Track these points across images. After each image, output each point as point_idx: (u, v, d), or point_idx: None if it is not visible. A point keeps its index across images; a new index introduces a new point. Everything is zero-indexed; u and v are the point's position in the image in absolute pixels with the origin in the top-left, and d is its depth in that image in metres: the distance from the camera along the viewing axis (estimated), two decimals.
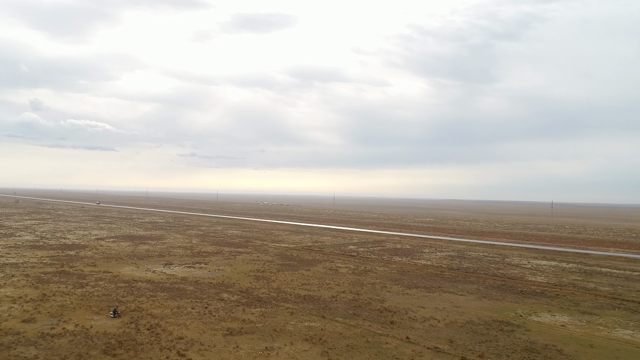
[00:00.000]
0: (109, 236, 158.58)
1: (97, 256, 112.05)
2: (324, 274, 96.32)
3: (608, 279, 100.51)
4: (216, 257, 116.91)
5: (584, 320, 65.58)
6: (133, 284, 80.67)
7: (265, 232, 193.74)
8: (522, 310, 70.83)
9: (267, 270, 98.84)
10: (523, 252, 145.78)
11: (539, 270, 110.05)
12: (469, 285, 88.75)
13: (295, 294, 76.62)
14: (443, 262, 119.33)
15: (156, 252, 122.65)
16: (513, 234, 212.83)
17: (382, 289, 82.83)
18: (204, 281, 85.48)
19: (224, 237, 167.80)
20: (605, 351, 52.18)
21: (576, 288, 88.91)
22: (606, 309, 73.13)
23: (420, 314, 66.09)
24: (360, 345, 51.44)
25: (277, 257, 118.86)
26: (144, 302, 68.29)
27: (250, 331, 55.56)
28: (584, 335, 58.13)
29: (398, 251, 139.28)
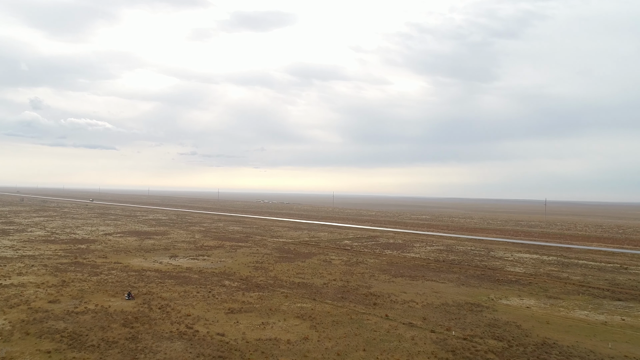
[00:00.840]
0: (115, 232, 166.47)
1: (106, 249, 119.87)
2: (318, 265, 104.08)
3: (582, 269, 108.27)
4: (218, 250, 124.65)
5: (548, 304, 73.28)
6: (143, 273, 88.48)
7: (264, 228, 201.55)
8: (494, 295, 78.58)
9: (266, 262, 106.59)
10: (509, 246, 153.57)
11: (520, 262, 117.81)
12: (450, 275, 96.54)
13: (290, 282, 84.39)
14: (431, 255, 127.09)
15: (161, 246, 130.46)
16: (504, 230, 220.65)
17: (370, 278, 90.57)
18: (207, 271, 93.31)
19: (225, 232, 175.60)
20: (558, 327, 59.88)
21: (550, 277, 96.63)
22: (571, 294, 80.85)
23: (402, 298, 73.85)
24: (345, 321, 59.22)
25: (275, 251, 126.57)
26: (154, 287, 76.10)
27: (249, 310, 63.36)
28: (544, 315, 65.87)
29: (390, 245, 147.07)
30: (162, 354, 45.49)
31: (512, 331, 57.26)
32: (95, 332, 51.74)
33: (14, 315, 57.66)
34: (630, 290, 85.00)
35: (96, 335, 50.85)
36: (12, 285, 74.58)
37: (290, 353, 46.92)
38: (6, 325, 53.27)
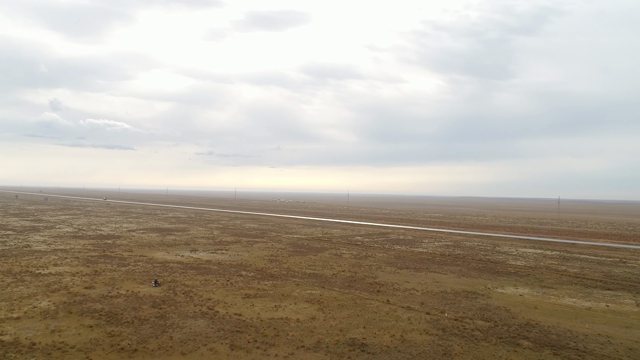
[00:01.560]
0: (138, 229, 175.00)
1: (131, 244, 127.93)
2: (329, 258, 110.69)
3: (581, 263, 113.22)
4: (235, 245, 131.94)
5: (540, 292, 78.91)
6: (166, 264, 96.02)
7: (280, 225, 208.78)
8: (491, 284, 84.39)
9: (280, 255, 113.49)
10: (515, 242, 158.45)
11: (522, 256, 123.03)
12: (453, 267, 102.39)
13: (302, 272, 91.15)
14: (438, 249, 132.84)
15: (182, 241, 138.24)
16: (513, 228, 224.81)
17: (377, 270, 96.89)
18: (225, 263, 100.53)
19: (242, 229, 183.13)
20: (545, 311, 65.67)
21: (548, 270, 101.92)
22: (565, 284, 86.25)
23: (404, 286, 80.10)
24: (349, 305, 65.78)
25: (289, 246, 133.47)
26: (177, 276, 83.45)
27: (263, 295, 70.27)
28: (534, 301, 71.63)
29: (400, 241, 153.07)
30: (188, 329, 52.51)
31: (500, 314, 63.26)
32: (128, 312, 59.04)
33: (56, 298, 65.30)
34: (622, 282, 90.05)
35: (129, 314, 58.13)
36: (50, 274, 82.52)
37: (298, 329, 53.61)
38: (51, 306, 60.86)
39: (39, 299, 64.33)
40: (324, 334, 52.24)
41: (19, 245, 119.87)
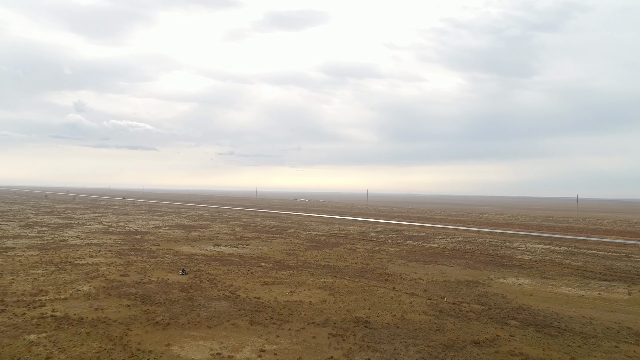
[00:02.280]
0: (164, 225, 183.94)
1: (158, 239, 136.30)
2: (344, 252, 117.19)
3: (586, 257, 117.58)
4: (256, 240, 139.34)
5: (539, 282, 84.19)
6: (192, 257, 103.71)
7: (299, 223, 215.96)
8: (494, 275, 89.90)
9: (297, 250, 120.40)
10: (527, 238, 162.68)
11: (530, 251, 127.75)
12: (461, 261, 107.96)
13: (317, 264, 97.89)
14: (449, 245, 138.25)
15: (206, 237, 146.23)
16: (529, 225, 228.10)
17: (388, 262, 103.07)
18: (246, 255, 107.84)
19: (262, 226, 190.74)
20: (539, 298, 71.18)
21: (552, 263, 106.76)
22: (565, 276, 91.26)
23: (411, 277, 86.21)
24: (358, 291, 72.27)
25: (306, 241, 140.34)
26: (202, 267, 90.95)
27: (280, 283, 77.20)
28: (531, 290, 77.08)
29: (413, 237, 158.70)
30: (213, 309, 59.65)
31: (496, 300, 69.05)
32: (160, 295, 66.52)
33: (96, 283, 73.21)
34: (621, 274, 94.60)
35: (161, 296, 65.59)
36: (87, 264, 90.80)
37: (310, 309, 60.32)
38: (92, 290, 68.71)
39: (81, 284, 72.30)
40: (332, 313, 58.85)
41: (55, 239, 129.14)
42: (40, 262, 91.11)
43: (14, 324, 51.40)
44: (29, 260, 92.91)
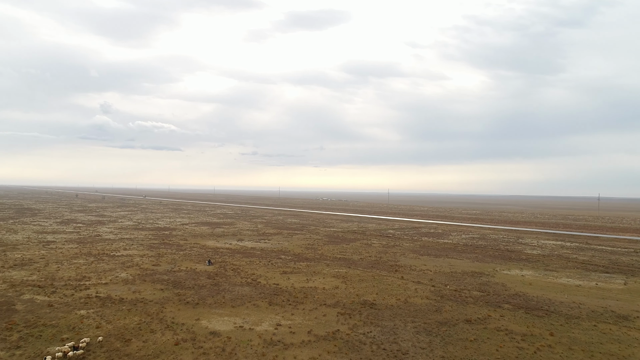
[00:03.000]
0: (190, 222, 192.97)
1: (185, 235, 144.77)
2: (360, 247, 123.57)
3: (594, 252, 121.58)
4: (277, 236, 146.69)
5: (542, 274, 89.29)
6: (217, 250, 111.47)
7: (319, 220, 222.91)
8: (499, 268, 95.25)
9: (316, 244, 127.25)
10: (541, 235, 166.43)
11: (540, 247, 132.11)
12: (471, 255, 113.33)
13: (333, 257, 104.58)
14: (462, 241, 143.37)
15: (230, 232, 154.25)
16: (546, 223, 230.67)
17: (400, 256, 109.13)
18: (267, 249, 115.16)
19: (283, 223, 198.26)
20: (537, 287, 76.54)
21: (559, 258, 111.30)
22: (568, 268, 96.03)
23: (420, 268, 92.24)
24: (368, 279, 78.74)
25: (325, 237, 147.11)
26: (226, 258, 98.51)
27: (297, 272, 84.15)
28: (532, 280, 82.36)
29: (429, 234, 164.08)
30: (236, 292, 66.91)
31: (496, 288, 74.75)
32: (189, 281, 74.13)
33: (131, 271, 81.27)
34: (623, 267, 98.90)
35: (190, 282, 73.18)
36: (122, 255, 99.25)
37: (323, 294, 67.09)
38: (129, 276, 76.72)
39: (118, 272, 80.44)
40: (343, 297, 65.52)
41: (91, 234, 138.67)
42: (80, 254, 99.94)
43: (65, 302, 59.47)
44: (69, 252, 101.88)
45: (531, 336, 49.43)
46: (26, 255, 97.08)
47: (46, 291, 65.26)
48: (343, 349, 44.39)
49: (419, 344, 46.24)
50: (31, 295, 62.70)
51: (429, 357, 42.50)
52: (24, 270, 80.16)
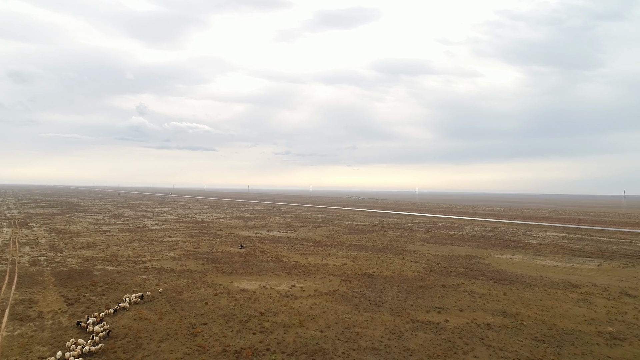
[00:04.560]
0: (225, 217, 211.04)
1: (221, 226, 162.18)
2: (375, 237, 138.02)
3: (590, 242, 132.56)
4: (303, 228, 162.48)
5: (530, 257, 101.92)
6: (248, 238, 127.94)
7: (344, 215, 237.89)
8: (494, 253, 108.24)
9: (336, 235, 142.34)
10: (549, 228, 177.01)
11: (543, 237, 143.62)
12: (473, 243, 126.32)
13: (349, 244, 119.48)
14: (472, 232, 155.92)
15: (260, 225, 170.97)
16: (563, 219, 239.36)
17: (409, 244, 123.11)
18: (292, 238, 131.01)
19: (310, 218, 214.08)
20: (518, 266, 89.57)
21: (553, 246, 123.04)
22: (556, 254, 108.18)
23: (422, 252, 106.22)
24: (374, 260, 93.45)
25: (346, 229, 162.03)
26: (256, 244, 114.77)
27: (315, 254, 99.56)
28: (517, 261, 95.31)
29: (443, 227, 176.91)
30: (262, 266, 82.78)
31: (481, 266, 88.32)
32: (224, 259, 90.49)
33: (177, 252, 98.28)
34: (607, 253, 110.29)
35: (225, 259, 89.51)
36: (168, 241, 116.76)
37: (333, 268, 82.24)
38: (175, 255, 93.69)
39: (167, 252, 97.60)
40: (348, 270, 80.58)
41: (139, 226, 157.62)
42: (133, 240, 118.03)
43: (129, 270, 76.56)
44: (124, 238, 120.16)
45: (488, 295, 63.44)
46: (90, 240, 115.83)
47: (113, 264, 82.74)
48: (338, 299, 59.51)
49: (397, 298, 60.94)
50: (102, 266, 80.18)
51: (401, 305, 57.19)
52: (92, 250, 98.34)
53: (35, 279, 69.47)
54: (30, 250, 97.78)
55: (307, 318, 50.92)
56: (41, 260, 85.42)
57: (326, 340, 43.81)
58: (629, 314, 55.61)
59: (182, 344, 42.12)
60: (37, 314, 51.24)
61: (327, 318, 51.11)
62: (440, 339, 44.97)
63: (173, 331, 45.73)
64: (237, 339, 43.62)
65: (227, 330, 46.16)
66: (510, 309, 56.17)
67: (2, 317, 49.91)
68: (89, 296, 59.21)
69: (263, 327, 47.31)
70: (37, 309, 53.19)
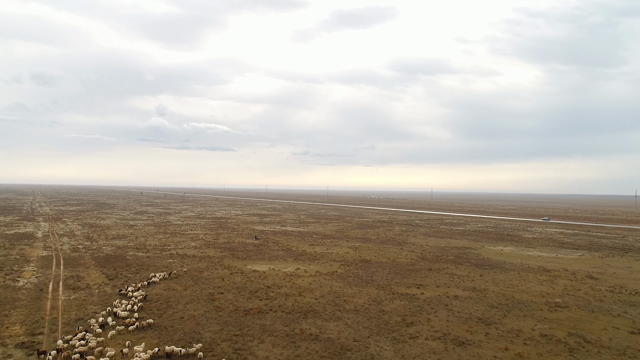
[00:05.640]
0: (243, 214, 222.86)
1: (239, 222, 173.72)
2: (381, 231, 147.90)
3: (583, 237, 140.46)
4: (315, 224, 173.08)
5: (519, 249, 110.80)
6: (263, 231, 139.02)
7: (356, 213, 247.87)
8: (487, 245, 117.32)
9: (345, 229, 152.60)
10: (551, 225, 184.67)
11: (540, 232, 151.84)
12: (472, 237, 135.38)
13: (355, 237, 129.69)
14: (475, 228, 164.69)
15: (275, 221, 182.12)
16: (570, 217, 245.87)
17: (411, 237, 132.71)
18: (304, 232, 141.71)
19: (324, 215, 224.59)
20: (504, 255, 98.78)
21: (546, 240, 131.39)
22: (545, 246, 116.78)
23: (421, 244, 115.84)
24: (374, 249, 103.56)
25: (355, 225, 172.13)
26: (270, 236, 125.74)
27: (322, 245, 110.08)
28: (505, 252, 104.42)
29: (449, 223, 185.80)
30: (273, 253, 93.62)
31: (470, 255, 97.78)
32: (240, 248, 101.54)
33: (198, 242, 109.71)
34: (594, 246, 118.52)
35: (241, 248, 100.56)
36: (190, 234, 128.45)
37: (336, 256, 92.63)
38: (197, 245, 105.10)
39: (189, 242, 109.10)
40: (349, 257, 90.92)
41: (162, 221, 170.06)
42: (158, 232, 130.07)
43: (157, 256, 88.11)
44: (150, 231, 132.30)
45: (466, 276, 73.20)
46: (119, 232, 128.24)
47: (142, 251, 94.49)
48: (335, 278, 69.95)
49: (385, 277, 71.14)
50: (134, 253, 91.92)
51: (387, 282, 67.36)
52: (122, 240, 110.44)
53: (78, 261, 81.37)
54: (68, 240, 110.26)
55: (305, 290, 61.48)
56: (80, 248, 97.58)
57: (318, 305, 54.27)
58: (582, 290, 64.92)
59: (203, 306, 52.99)
60: (85, 285, 62.77)
61: (322, 290, 61.59)
62: (412, 305, 55.09)
63: (195, 297, 56.70)
64: (247, 303, 54.36)
65: (239, 297, 56.95)
66: (479, 286, 65.95)
67: (58, 287, 61.48)
68: (125, 274, 70.68)
69: (269, 296, 57.99)
70: (85, 282, 64.75)
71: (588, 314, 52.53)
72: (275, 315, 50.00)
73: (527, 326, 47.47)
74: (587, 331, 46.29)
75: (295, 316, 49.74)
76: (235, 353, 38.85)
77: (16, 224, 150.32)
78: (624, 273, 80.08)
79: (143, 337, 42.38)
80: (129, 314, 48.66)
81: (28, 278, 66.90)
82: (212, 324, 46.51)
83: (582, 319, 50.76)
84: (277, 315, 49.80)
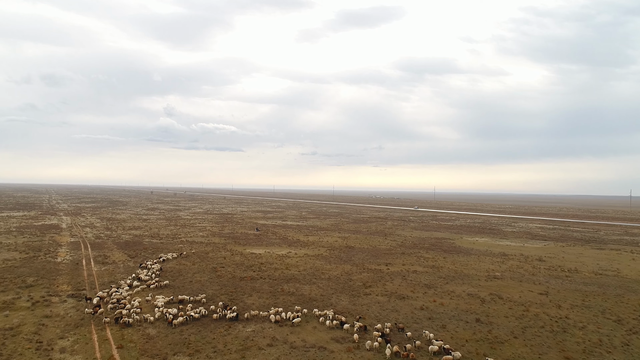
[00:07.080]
0: (248, 210, 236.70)
1: (244, 217, 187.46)
2: (373, 225, 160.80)
3: (559, 231, 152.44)
4: (314, 219, 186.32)
5: (493, 239, 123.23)
6: (265, 225, 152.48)
7: (356, 210, 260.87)
8: (466, 236, 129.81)
9: (340, 223, 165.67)
10: (535, 222, 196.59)
11: (521, 227, 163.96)
12: (455, 230, 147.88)
13: (347, 229, 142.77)
14: (462, 223, 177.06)
15: (278, 216, 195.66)
16: (558, 214, 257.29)
17: (400, 230, 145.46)
18: (302, 225, 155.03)
19: (324, 212, 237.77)
20: (476, 244, 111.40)
21: (522, 233, 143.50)
22: (518, 238, 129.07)
23: (405, 236, 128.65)
24: (361, 239, 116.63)
25: (352, 220, 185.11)
26: (270, 228, 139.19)
27: (315, 235, 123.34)
28: (480, 242, 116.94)
29: (440, 219, 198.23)
30: (271, 241, 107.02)
31: (445, 244, 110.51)
32: (242, 237, 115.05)
33: (205, 232, 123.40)
34: (562, 239, 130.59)
35: (243, 237, 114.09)
36: (198, 226, 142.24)
37: (325, 243, 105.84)
38: (204, 234, 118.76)
39: (197, 232, 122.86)
40: (336, 244, 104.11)
41: (173, 216, 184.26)
42: (169, 225, 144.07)
43: (168, 242, 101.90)
44: (162, 224, 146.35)
45: (432, 258, 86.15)
46: (135, 224, 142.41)
47: (156, 238, 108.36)
48: (319, 258, 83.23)
49: (362, 258, 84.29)
50: (149, 240, 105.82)
51: (362, 261, 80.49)
52: (138, 231, 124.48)
53: (102, 245, 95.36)
54: (91, 230, 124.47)
55: (292, 266, 74.86)
56: (102, 236, 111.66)
57: (300, 275, 67.59)
58: (524, 269, 77.67)
59: (207, 275, 66.48)
60: (112, 261, 76.60)
61: (306, 266, 74.92)
62: (376, 276, 68.22)
63: (202, 269, 70.24)
64: (243, 273, 67.80)
65: (237, 270, 70.41)
66: (438, 264, 78.97)
67: (90, 262, 75.32)
68: (143, 254, 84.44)
69: (261, 269, 71.41)
70: (111, 259, 78.58)
71: (515, 283, 65.40)
72: (263, 281, 63.39)
73: (461, 289, 60.43)
74: (505, 292, 59.19)
75: (280, 282, 63.06)
76: (230, 301, 52.28)
77: (41, 217, 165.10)
78: (571, 257, 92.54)
79: (161, 292, 55.94)
80: (150, 278, 62.34)
81: (64, 256, 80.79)
82: (214, 285, 59.95)
83: (508, 285, 63.65)
84: (265, 281, 63.17)
